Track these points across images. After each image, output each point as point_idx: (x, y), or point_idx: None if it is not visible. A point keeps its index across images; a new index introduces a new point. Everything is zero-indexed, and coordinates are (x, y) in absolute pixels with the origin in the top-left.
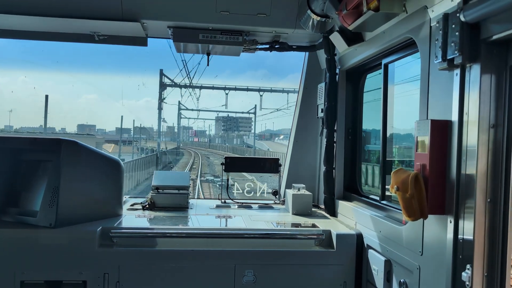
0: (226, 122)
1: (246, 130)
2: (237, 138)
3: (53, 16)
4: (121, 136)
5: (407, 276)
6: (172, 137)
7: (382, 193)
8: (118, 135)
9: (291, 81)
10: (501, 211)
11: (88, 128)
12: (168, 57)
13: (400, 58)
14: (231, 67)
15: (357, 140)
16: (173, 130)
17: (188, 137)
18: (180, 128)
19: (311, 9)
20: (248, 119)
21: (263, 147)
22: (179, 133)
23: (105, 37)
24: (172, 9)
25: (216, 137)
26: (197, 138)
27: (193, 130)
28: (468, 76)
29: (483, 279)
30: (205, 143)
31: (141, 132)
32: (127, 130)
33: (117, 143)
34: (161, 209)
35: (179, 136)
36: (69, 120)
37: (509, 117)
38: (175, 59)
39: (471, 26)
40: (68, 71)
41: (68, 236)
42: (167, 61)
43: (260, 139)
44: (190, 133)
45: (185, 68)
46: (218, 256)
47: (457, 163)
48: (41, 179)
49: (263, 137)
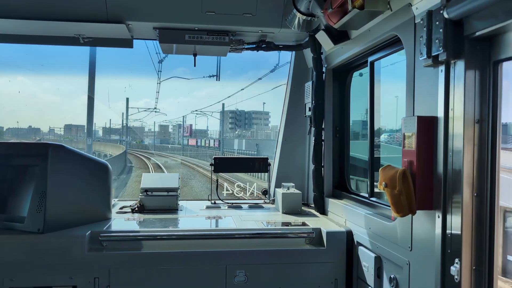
0: (234, 118)
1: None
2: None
3: (37, 19)
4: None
5: (397, 272)
6: (163, 138)
7: (370, 190)
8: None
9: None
10: (487, 205)
11: (75, 128)
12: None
13: (386, 55)
14: (232, 67)
15: (345, 137)
16: (166, 129)
17: (180, 138)
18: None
19: (297, 8)
20: (265, 114)
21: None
22: (126, 131)
23: (90, 40)
24: (158, 10)
25: (230, 138)
26: (194, 140)
27: (187, 126)
28: (453, 72)
29: (471, 273)
30: (210, 151)
31: (127, 132)
32: (117, 130)
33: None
34: (150, 211)
35: (127, 135)
36: (69, 121)
37: (493, 112)
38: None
39: (455, 23)
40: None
41: (57, 241)
42: (147, 61)
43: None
44: (183, 131)
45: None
46: (209, 257)
47: (443, 159)
48: (28, 184)
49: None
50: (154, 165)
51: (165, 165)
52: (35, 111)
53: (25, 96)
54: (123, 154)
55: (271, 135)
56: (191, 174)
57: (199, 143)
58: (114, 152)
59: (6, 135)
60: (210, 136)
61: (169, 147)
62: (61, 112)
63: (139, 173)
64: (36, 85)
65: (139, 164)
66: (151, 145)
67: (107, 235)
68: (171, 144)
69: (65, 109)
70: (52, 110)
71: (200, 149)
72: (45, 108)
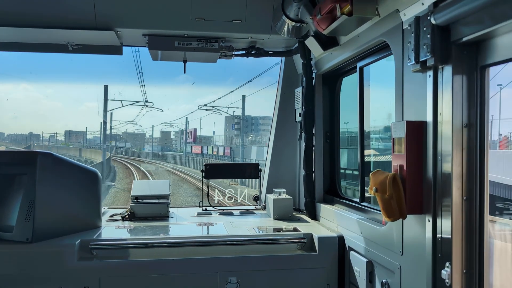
0: (239, 124)
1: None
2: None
3: (25, 26)
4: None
5: (389, 276)
6: (164, 145)
7: (361, 195)
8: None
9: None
10: (477, 208)
11: (75, 134)
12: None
13: (374, 61)
14: (233, 74)
15: (335, 143)
16: (168, 136)
17: (181, 144)
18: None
19: (286, 14)
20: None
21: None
22: (103, 132)
23: (79, 47)
24: (147, 17)
25: (246, 145)
26: (199, 147)
27: (191, 131)
28: (441, 77)
29: (462, 276)
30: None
31: (106, 135)
32: (97, 137)
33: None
34: (141, 219)
35: (104, 141)
36: (70, 127)
37: (481, 116)
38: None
39: (442, 28)
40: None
41: (46, 250)
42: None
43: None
44: (187, 135)
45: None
46: (200, 264)
47: (433, 163)
48: (16, 193)
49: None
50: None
51: (156, 172)
52: (38, 117)
53: (29, 103)
54: (102, 164)
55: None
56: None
57: (205, 150)
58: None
59: (5, 141)
60: (215, 143)
61: (160, 155)
62: (63, 118)
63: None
64: (40, 91)
65: (125, 174)
66: (149, 153)
67: (97, 243)
68: (172, 151)
69: (67, 116)
70: (55, 116)
71: (209, 159)
72: (48, 114)
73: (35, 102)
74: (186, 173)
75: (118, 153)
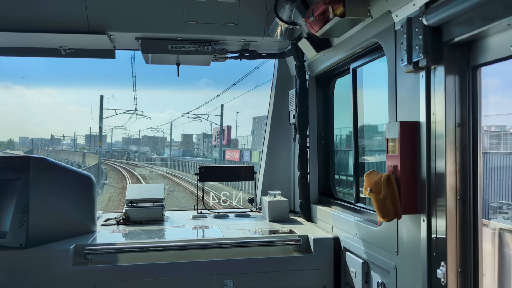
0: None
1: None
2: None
3: (17, 31)
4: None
5: (385, 277)
6: (186, 149)
7: (356, 196)
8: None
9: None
10: (471, 207)
11: (94, 138)
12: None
13: (367, 62)
14: (236, 78)
15: (329, 144)
16: (190, 139)
17: (208, 147)
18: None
19: (279, 16)
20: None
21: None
22: (100, 135)
23: (72, 51)
24: (140, 20)
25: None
26: (236, 152)
27: (224, 129)
28: (433, 77)
29: (457, 275)
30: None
31: (100, 137)
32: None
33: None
34: (136, 223)
35: (89, 140)
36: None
37: (474, 116)
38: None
39: (434, 29)
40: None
41: (40, 256)
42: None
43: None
44: (214, 134)
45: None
46: (196, 268)
47: (427, 163)
48: (9, 198)
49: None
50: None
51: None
52: (62, 121)
53: (53, 107)
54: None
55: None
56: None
57: (247, 157)
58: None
59: (23, 146)
60: (243, 146)
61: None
62: (86, 122)
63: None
64: (63, 96)
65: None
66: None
67: (92, 248)
68: (195, 157)
69: (89, 120)
70: (78, 120)
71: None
72: (71, 118)
73: (59, 107)
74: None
75: (131, 159)
